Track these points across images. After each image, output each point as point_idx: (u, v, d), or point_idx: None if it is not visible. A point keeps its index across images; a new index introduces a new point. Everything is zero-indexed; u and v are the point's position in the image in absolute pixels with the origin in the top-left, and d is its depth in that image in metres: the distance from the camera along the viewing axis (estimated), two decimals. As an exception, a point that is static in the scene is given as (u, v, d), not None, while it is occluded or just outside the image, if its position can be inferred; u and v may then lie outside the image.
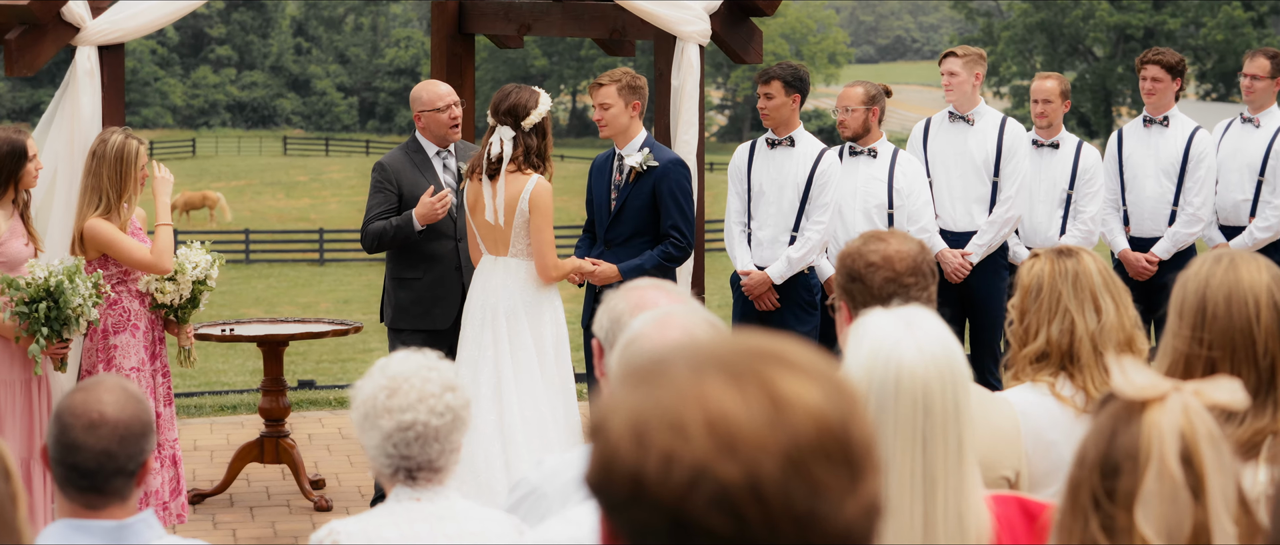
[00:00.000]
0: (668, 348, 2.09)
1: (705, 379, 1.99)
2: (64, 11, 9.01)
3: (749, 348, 2.04)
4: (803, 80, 10.36)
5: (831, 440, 1.98)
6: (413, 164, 9.80)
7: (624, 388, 2.04)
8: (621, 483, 1.97)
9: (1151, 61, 11.43)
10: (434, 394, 4.41)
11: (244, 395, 14.55)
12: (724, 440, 1.94)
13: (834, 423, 1.99)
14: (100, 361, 8.96)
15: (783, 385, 1.99)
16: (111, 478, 4.20)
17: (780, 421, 1.96)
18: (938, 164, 11.15)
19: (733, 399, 1.97)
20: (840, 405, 2.01)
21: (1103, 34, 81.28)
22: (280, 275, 42.63)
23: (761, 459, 1.94)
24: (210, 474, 11.21)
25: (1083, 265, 5.12)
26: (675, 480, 1.94)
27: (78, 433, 4.19)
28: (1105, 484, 2.95)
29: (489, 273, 9.13)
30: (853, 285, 4.73)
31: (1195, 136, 11.37)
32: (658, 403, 1.98)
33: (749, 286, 10.35)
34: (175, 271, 9.03)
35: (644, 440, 1.96)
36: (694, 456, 1.94)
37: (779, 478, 1.94)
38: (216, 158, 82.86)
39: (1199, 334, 4.16)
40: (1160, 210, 11.40)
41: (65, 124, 9.10)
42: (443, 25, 11.69)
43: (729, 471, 1.93)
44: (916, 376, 3.52)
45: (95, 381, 4.30)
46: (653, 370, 2.03)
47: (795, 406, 1.98)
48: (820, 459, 1.97)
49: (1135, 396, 2.95)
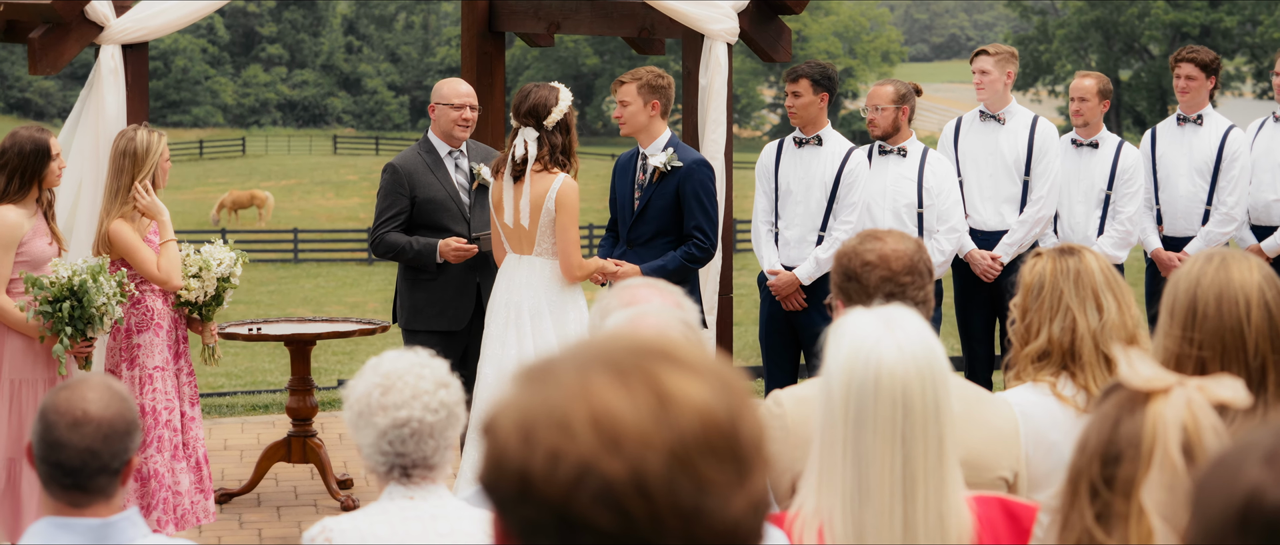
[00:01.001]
0: (562, 349, 2.09)
1: (592, 377, 2.00)
2: (87, 10, 9.02)
3: (637, 346, 2.05)
4: (831, 79, 10.29)
5: (718, 437, 1.99)
6: (425, 164, 9.77)
7: (515, 386, 2.05)
8: (510, 480, 1.99)
9: (1185, 59, 11.31)
10: (428, 391, 4.41)
11: (277, 394, 14.55)
12: (609, 437, 1.96)
13: (721, 419, 2.00)
14: (123, 361, 8.95)
15: (669, 382, 2.00)
16: (95, 476, 4.19)
17: (666, 418, 1.97)
18: (968, 163, 11.06)
19: (618, 396, 1.98)
20: (728, 402, 2.02)
21: (1158, 32, 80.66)
22: (329, 275, 42.72)
23: (646, 455, 1.95)
24: (239, 473, 11.20)
25: (1084, 263, 5.10)
26: (561, 477, 1.95)
27: (61, 430, 4.19)
28: (1105, 471, 2.97)
29: (513, 271, 9.09)
30: (849, 284, 4.74)
31: (1229, 135, 11.24)
32: (545, 401, 2.00)
33: (777, 287, 10.30)
34: (200, 269, 9.02)
35: (531, 438, 1.98)
36: (579, 454, 1.95)
37: (664, 474, 1.95)
38: (266, 157, 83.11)
39: (1189, 334, 4.14)
40: (1193, 210, 11.28)
41: (91, 123, 9.12)
42: (472, 23, 11.66)
43: (614, 468, 1.95)
44: (896, 376, 3.52)
45: (80, 379, 4.30)
46: (542, 369, 2.05)
47: (681, 403, 1.98)
48: (706, 455, 1.97)
49: (1141, 387, 2.99)
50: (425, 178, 9.73)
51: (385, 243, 9.72)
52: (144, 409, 8.88)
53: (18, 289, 8.62)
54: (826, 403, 3.57)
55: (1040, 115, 11.16)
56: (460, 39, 11.90)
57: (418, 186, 9.71)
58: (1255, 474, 2.14)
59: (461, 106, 9.77)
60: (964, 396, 4.77)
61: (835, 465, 3.55)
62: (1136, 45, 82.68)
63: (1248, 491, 2.13)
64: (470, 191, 9.77)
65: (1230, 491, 2.15)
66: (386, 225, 9.72)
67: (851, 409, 3.51)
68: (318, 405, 10.96)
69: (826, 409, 3.57)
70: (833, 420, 3.56)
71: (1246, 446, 2.19)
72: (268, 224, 53.42)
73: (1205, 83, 11.29)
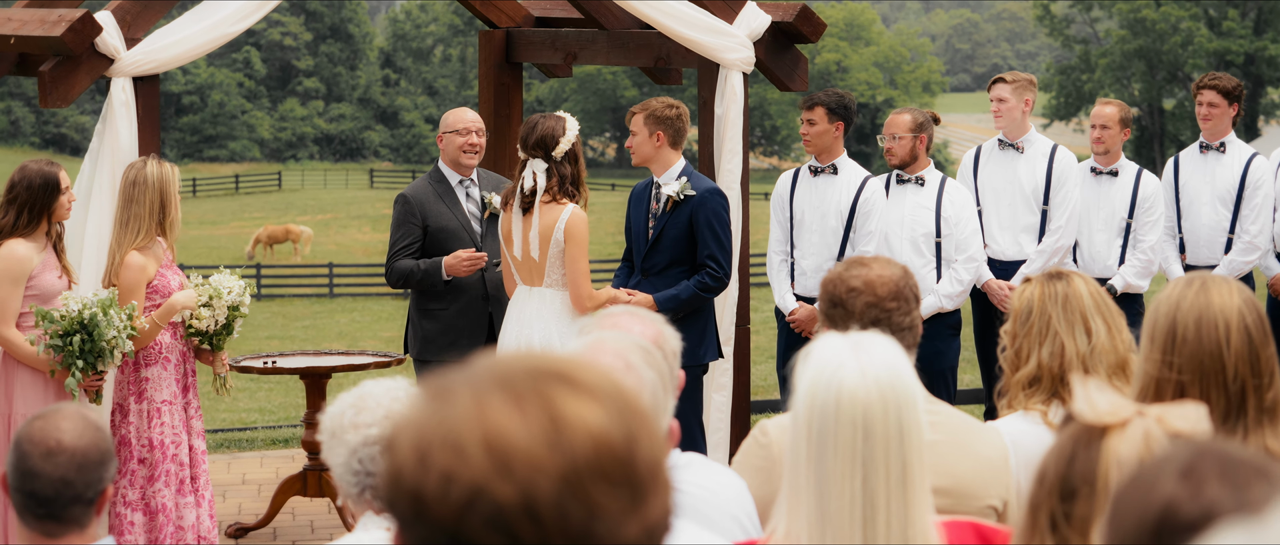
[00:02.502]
0: (464, 367, 2.08)
1: (487, 398, 1.99)
2: (98, 43, 9.00)
3: (535, 367, 2.04)
4: (847, 108, 10.22)
5: (612, 461, 1.98)
6: (436, 194, 9.74)
7: (415, 406, 2.04)
8: (405, 501, 1.99)
9: (1208, 86, 11.21)
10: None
11: (297, 429, 14.51)
12: (500, 460, 1.95)
13: (615, 443, 1.99)
14: (131, 394, 8.92)
15: (563, 405, 1.99)
16: (69, 506, 4.18)
17: (558, 442, 1.97)
18: (987, 192, 10.96)
19: (512, 419, 1.97)
20: (624, 426, 2.01)
21: (1202, 60, 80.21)
22: (364, 309, 42.72)
23: (537, 479, 1.95)
24: (256, 508, 11.14)
25: (1073, 288, 5.07)
26: (453, 500, 1.95)
27: (35, 460, 4.18)
28: (1063, 507, 2.93)
29: (523, 303, 9.05)
30: (835, 310, 4.74)
31: (1252, 163, 11.12)
32: (441, 422, 1.99)
33: (798, 322, 10.24)
34: (211, 297, 8.97)
35: (425, 459, 1.97)
36: (471, 476, 1.95)
37: (554, 499, 1.95)
38: (302, 191, 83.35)
39: (1169, 357, 4.13)
40: (1216, 238, 11.16)
41: (107, 156, 9.10)
42: (490, 54, 11.63)
43: (504, 492, 1.94)
44: (857, 399, 3.48)
45: (55, 409, 4.29)
46: (441, 389, 2.04)
47: (575, 427, 1.98)
48: (598, 480, 1.97)
49: (1095, 421, 2.92)
50: (436, 207, 9.70)
51: (396, 270, 9.70)
52: (152, 443, 8.84)
53: (28, 323, 8.59)
54: (793, 427, 3.54)
55: (1059, 145, 11.04)
56: (478, 68, 11.85)
57: (429, 215, 9.68)
58: (1170, 488, 2.17)
59: (467, 132, 9.75)
60: (950, 425, 4.76)
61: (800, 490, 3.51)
62: (1180, 74, 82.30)
63: (1163, 505, 2.17)
64: (482, 220, 9.74)
65: (1146, 505, 2.18)
66: (399, 256, 9.70)
67: (814, 432, 3.48)
68: (334, 439, 10.87)
69: (793, 433, 3.54)
70: (798, 444, 3.52)
71: (1163, 461, 2.22)
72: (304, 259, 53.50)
73: (1228, 110, 11.17)
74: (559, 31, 11.44)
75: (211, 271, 9.23)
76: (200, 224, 63.50)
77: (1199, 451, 2.22)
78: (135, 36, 9.16)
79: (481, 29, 11.80)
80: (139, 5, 9.19)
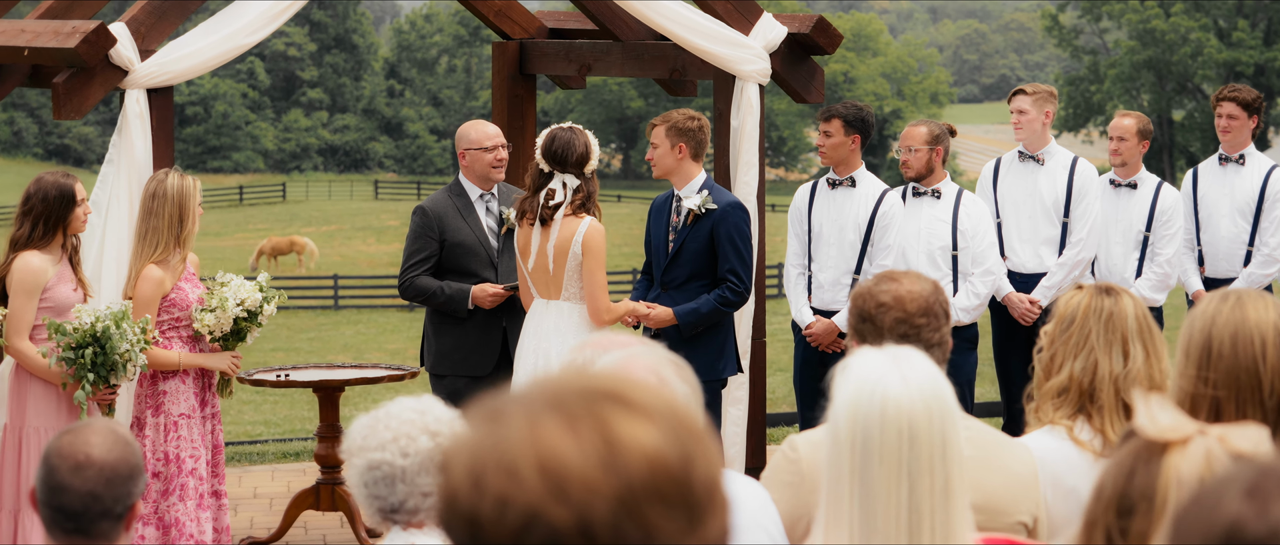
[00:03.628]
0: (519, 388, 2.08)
1: (541, 421, 1.99)
2: (112, 55, 8.96)
3: (589, 388, 2.03)
4: (865, 121, 10.15)
5: (667, 482, 1.97)
6: (456, 208, 9.68)
7: (470, 428, 2.04)
8: (461, 524, 1.99)
9: (1227, 98, 11.13)
10: (407, 435, 4.35)
11: (309, 442, 14.45)
12: (555, 483, 1.95)
13: (671, 464, 1.98)
14: (149, 408, 8.88)
15: (618, 427, 1.98)
16: (97, 520, 4.16)
17: (613, 464, 1.96)
18: (1007, 204, 10.89)
19: (566, 441, 1.97)
20: (679, 446, 2.00)
21: (1212, 71, 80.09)
22: (369, 321, 42.68)
23: (593, 502, 1.94)
24: (268, 522, 11.08)
25: (1120, 306, 5.01)
26: (509, 523, 1.95)
27: (64, 474, 4.16)
28: (1120, 523, 2.92)
29: (541, 317, 9.01)
30: (863, 325, 4.74)
31: (1271, 175, 11.05)
32: (495, 445, 1.99)
33: (815, 336, 10.15)
34: (217, 304, 8.90)
35: (480, 483, 1.97)
36: (526, 500, 1.94)
37: (610, 521, 1.94)
38: (307, 202, 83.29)
39: (1204, 373, 4.11)
40: (1235, 251, 11.09)
41: (123, 168, 9.07)
42: (503, 66, 11.58)
43: (560, 515, 1.94)
44: (902, 408, 3.48)
45: (84, 424, 4.28)
46: (495, 411, 2.03)
47: (629, 448, 1.97)
48: (654, 502, 1.96)
49: (1157, 437, 2.90)
50: (455, 221, 9.64)
51: (415, 287, 9.62)
52: (168, 456, 8.80)
53: (41, 335, 8.55)
54: (833, 439, 3.52)
55: (1080, 156, 10.97)
56: (491, 80, 11.79)
57: (448, 230, 9.62)
58: (1236, 507, 2.15)
59: (494, 148, 9.69)
60: (981, 441, 4.75)
61: (842, 502, 3.50)
62: (1189, 85, 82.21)
63: (1228, 524, 2.14)
64: (499, 235, 9.68)
65: (1211, 524, 2.15)
66: (415, 269, 9.63)
67: (857, 442, 3.47)
68: (347, 452, 10.81)
69: (833, 446, 3.52)
70: (839, 456, 3.50)
71: (1227, 479, 2.19)
72: (308, 270, 53.45)
73: (1247, 122, 11.10)
74: (573, 43, 11.39)
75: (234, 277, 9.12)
76: (204, 235, 63.38)
77: (1264, 471, 2.20)
78: (149, 48, 9.13)
79: (493, 40, 11.75)
80: (153, 17, 9.15)
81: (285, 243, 54.43)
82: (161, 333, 8.83)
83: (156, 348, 8.75)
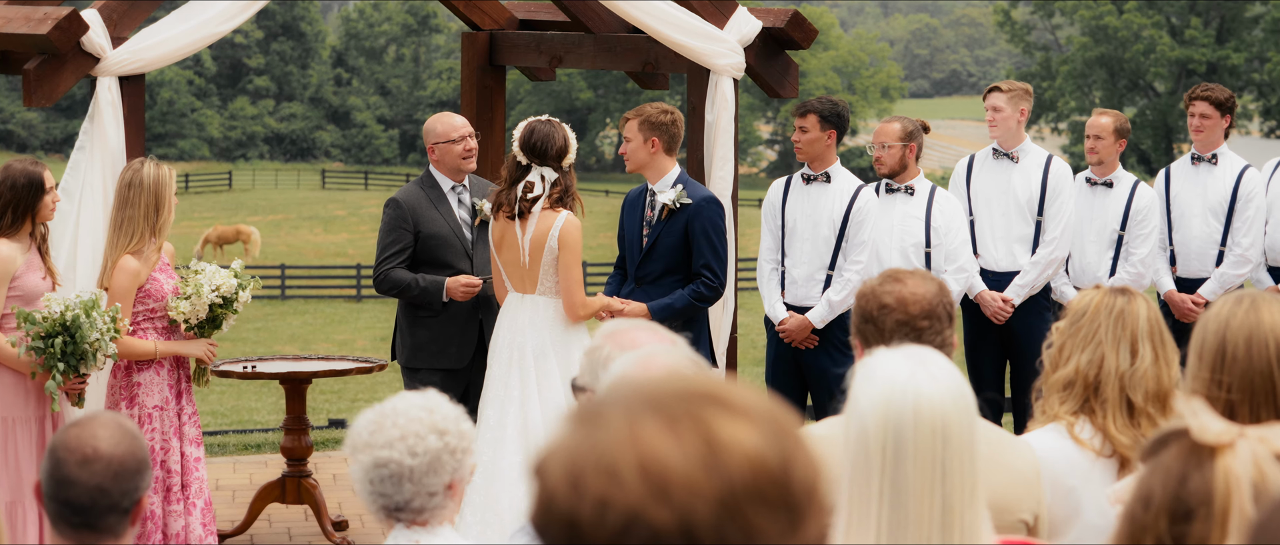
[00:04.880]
0: (611, 389, 2.07)
1: (641, 422, 1.98)
2: (84, 41, 8.88)
3: (688, 390, 2.02)
4: (841, 116, 10.09)
5: (769, 484, 1.97)
6: (428, 200, 9.61)
7: (565, 429, 2.03)
8: (558, 526, 1.98)
9: (1200, 97, 11.12)
10: (416, 434, 4.29)
11: (269, 434, 14.35)
12: (657, 485, 1.94)
13: (772, 466, 1.98)
14: (122, 399, 8.79)
15: (719, 428, 1.98)
16: (104, 514, 4.12)
17: (715, 465, 1.95)
18: (980, 202, 10.85)
19: (667, 443, 1.96)
20: (780, 448, 1.99)
21: (1164, 69, 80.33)
22: (316, 312, 42.48)
23: (695, 504, 1.93)
24: (232, 514, 10.99)
25: (1132, 307, 4.99)
26: (609, 525, 1.94)
27: (71, 468, 4.11)
28: (1175, 529, 2.87)
29: (515, 311, 8.96)
30: (866, 326, 4.71)
31: (1244, 175, 11.05)
32: (594, 446, 1.98)
33: (789, 332, 10.07)
34: (193, 291, 8.81)
35: (579, 485, 1.96)
36: (627, 502, 1.94)
37: (712, 523, 1.93)
38: (253, 191, 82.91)
39: (1218, 376, 4.08)
40: (1207, 251, 11.09)
41: (95, 156, 8.97)
42: (473, 57, 11.49)
43: (661, 517, 1.93)
44: (936, 407, 3.47)
45: (90, 417, 4.22)
46: (592, 412, 2.02)
47: (731, 450, 1.96)
48: (756, 503, 1.96)
49: (1213, 441, 2.86)
50: (428, 213, 9.57)
51: (390, 279, 9.54)
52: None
53: (10, 324, 8.45)
54: (858, 442, 3.48)
55: (1054, 154, 10.95)
56: (460, 72, 11.71)
57: (422, 221, 9.55)
58: None
59: (462, 139, 9.62)
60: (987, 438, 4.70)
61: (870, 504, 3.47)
62: (1142, 82, 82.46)
63: None
64: (473, 227, 9.62)
65: None
66: (391, 261, 9.54)
67: (889, 443, 3.45)
68: (313, 445, 10.75)
69: (858, 448, 3.48)
70: (866, 458, 3.47)
71: None
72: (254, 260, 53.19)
73: (1220, 121, 11.08)
74: (544, 35, 11.31)
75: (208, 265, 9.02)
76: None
77: None
78: (121, 35, 9.05)
79: (465, 31, 11.67)
80: (125, 4, 9.06)
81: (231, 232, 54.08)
82: (136, 324, 8.74)
83: (131, 338, 8.66)
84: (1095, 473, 4.95)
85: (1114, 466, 4.97)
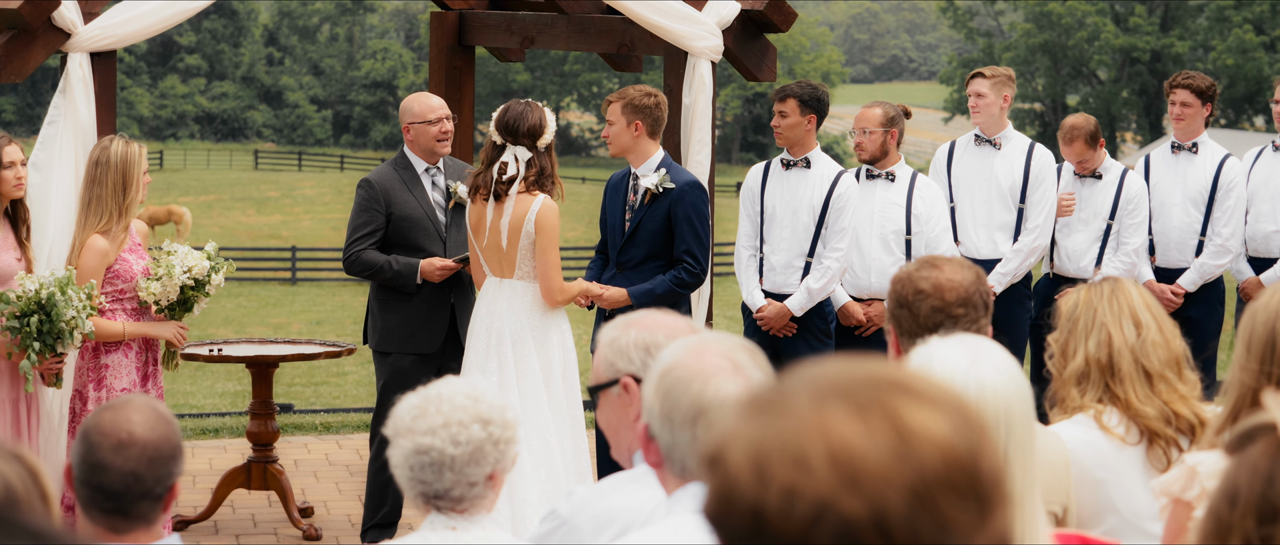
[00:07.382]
0: (789, 375, 2.01)
1: (828, 409, 1.93)
2: (55, 17, 8.71)
3: (873, 376, 1.98)
4: (820, 101, 9.96)
5: (959, 473, 1.93)
6: (402, 182, 9.44)
7: (742, 417, 1.97)
8: (741, 517, 1.92)
9: (1181, 85, 11.03)
10: (460, 422, 4.20)
11: (227, 418, 14.15)
12: (848, 474, 1.89)
13: (962, 455, 1.94)
14: (91, 381, 8.62)
15: (908, 416, 1.93)
16: (138, 501, 4.05)
17: (906, 454, 1.91)
18: (961, 189, 10.75)
19: (856, 430, 1.91)
20: (968, 436, 1.95)
21: (1108, 56, 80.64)
22: (250, 294, 42.06)
23: (887, 493, 1.89)
24: (193, 499, 10.81)
25: (1121, 287, 4.99)
26: (798, 515, 1.89)
27: (105, 452, 4.03)
28: (1263, 530, 2.75)
29: (493, 296, 8.83)
30: (901, 312, 4.64)
31: (1225, 164, 10.97)
32: (779, 434, 1.93)
33: (766, 320, 9.94)
34: (164, 272, 8.64)
35: (764, 473, 1.91)
36: (817, 491, 1.89)
37: (905, 512, 1.89)
38: (185, 171, 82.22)
39: (1267, 367, 4.04)
40: (1187, 240, 11.02)
41: (67, 133, 8.80)
42: (442, 36, 11.31)
43: (853, 506, 1.89)
44: (1000, 394, 3.46)
45: (125, 400, 4.14)
46: (773, 399, 1.97)
47: (922, 438, 1.92)
48: (948, 492, 1.92)
49: None
50: (402, 195, 9.40)
51: (361, 260, 9.38)
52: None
53: (-19, 305, 8.27)
54: None
55: (1037, 141, 10.86)
56: (429, 51, 11.53)
57: (394, 203, 9.38)
58: None
59: (438, 120, 9.46)
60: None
61: None
62: (1085, 70, 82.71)
63: None
64: (447, 210, 9.47)
65: None
66: (361, 242, 9.37)
67: None
68: (279, 430, 10.57)
69: None
70: None
71: None
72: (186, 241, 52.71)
73: (1201, 110, 11.00)
74: (516, 15, 11.13)
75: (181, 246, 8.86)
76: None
77: None
78: (93, 11, 8.89)
79: (433, 10, 11.49)
80: (97, -22, 8.88)
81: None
82: (108, 302, 8.57)
83: (100, 318, 8.48)
84: (1123, 464, 4.91)
85: (1141, 454, 4.91)
